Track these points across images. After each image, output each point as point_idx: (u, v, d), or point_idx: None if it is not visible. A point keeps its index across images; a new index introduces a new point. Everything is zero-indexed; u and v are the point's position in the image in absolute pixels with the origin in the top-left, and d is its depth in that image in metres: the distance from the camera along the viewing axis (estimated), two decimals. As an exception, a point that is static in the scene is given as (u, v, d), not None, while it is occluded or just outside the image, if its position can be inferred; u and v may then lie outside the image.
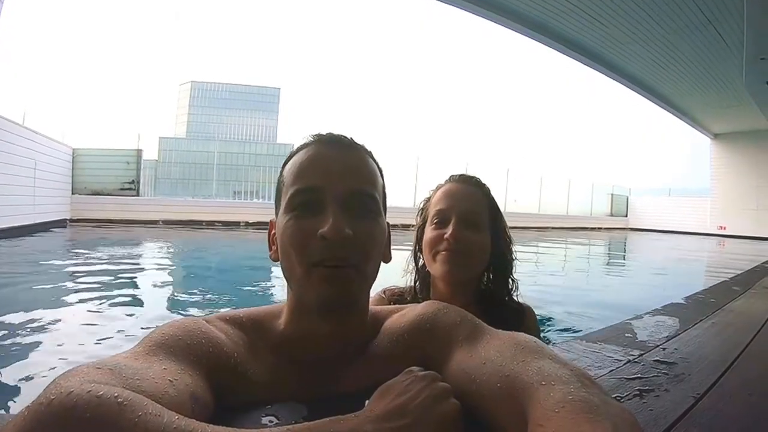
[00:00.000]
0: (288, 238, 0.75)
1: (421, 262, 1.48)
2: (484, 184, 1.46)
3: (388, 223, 0.85)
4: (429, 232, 1.39)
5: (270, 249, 0.85)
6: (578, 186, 25.49)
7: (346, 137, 0.82)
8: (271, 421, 0.68)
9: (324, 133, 0.82)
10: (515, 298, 1.46)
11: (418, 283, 1.50)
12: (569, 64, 14.00)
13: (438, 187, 1.47)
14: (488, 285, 1.42)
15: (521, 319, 1.38)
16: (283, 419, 0.68)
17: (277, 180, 0.84)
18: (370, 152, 0.85)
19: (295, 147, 0.85)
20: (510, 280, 1.44)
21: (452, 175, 1.47)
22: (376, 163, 0.86)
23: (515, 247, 1.49)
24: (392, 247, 0.89)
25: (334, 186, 0.75)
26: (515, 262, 1.47)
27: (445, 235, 1.32)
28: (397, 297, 1.53)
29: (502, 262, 1.41)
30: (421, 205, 1.52)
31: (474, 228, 1.34)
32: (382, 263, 0.84)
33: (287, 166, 0.82)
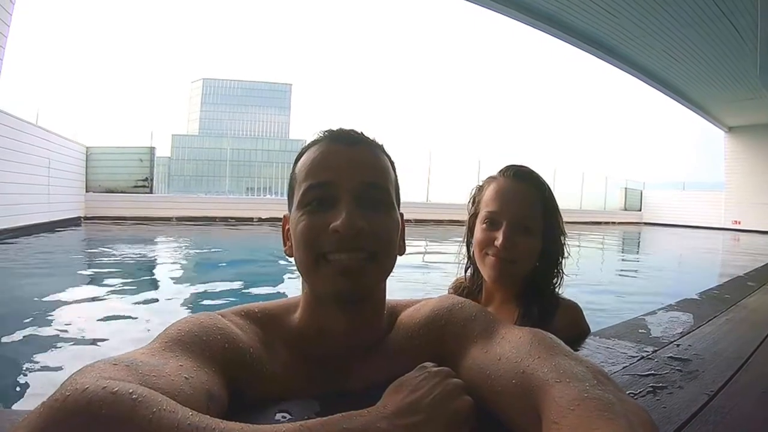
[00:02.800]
0: (301, 232, 0.75)
1: (472, 251, 1.44)
2: (540, 181, 1.39)
3: (401, 215, 0.84)
4: (480, 232, 1.36)
5: (285, 245, 0.85)
6: (592, 179, 25.33)
7: (356, 132, 0.82)
8: (284, 417, 0.68)
9: (335, 129, 0.82)
10: (560, 294, 1.42)
11: (470, 271, 1.48)
12: (583, 58, 13.90)
13: (491, 179, 1.41)
14: (533, 280, 1.38)
15: (553, 314, 1.34)
16: (295, 415, 0.68)
17: (290, 176, 0.85)
18: (382, 146, 0.85)
19: (307, 143, 0.85)
20: (555, 277, 1.40)
21: (508, 168, 1.40)
22: (388, 157, 0.85)
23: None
24: (407, 241, 0.88)
25: (346, 180, 0.75)
26: (565, 260, 1.42)
27: (495, 242, 1.30)
28: (463, 287, 1.52)
29: (548, 260, 1.38)
30: (473, 193, 1.46)
31: (525, 233, 1.31)
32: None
33: (299, 163, 0.82)
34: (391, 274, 0.81)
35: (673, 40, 12.09)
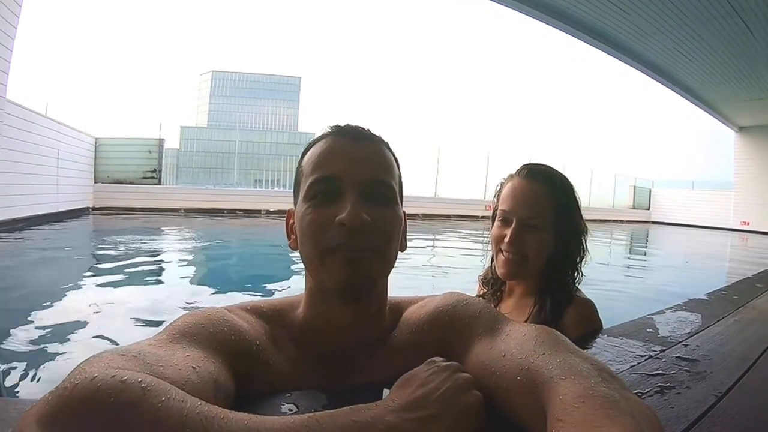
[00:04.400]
0: (308, 225, 0.75)
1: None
2: (553, 178, 1.42)
3: (404, 212, 0.85)
4: (495, 228, 1.43)
5: (289, 238, 0.86)
6: (600, 177, 25.16)
7: (363, 128, 0.83)
8: (290, 410, 0.68)
9: (342, 125, 0.83)
10: (578, 292, 1.44)
11: (494, 263, 1.50)
12: (593, 55, 13.83)
13: (509, 177, 1.46)
14: (550, 276, 1.41)
15: (564, 309, 1.36)
16: (302, 408, 0.68)
17: (296, 170, 0.85)
18: (387, 143, 0.86)
19: (314, 138, 0.85)
20: (571, 274, 1.43)
21: (524, 166, 1.45)
22: (393, 154, 0.86)
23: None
24: (417, 234, 0.89)
25: (352, 175, 0.76)
26: (584, 259, 1.45)
27: (505, 239, 1.36)
28: (490, 278, 1.57)
29: (562, 256, 1.41)
30: (498, 188, 1.51)
31: (534, 230, 1.36)
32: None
33: (306, 157, 0.83)
34: (400, 269, 0.82)
35: (684, 38, 11.96)
